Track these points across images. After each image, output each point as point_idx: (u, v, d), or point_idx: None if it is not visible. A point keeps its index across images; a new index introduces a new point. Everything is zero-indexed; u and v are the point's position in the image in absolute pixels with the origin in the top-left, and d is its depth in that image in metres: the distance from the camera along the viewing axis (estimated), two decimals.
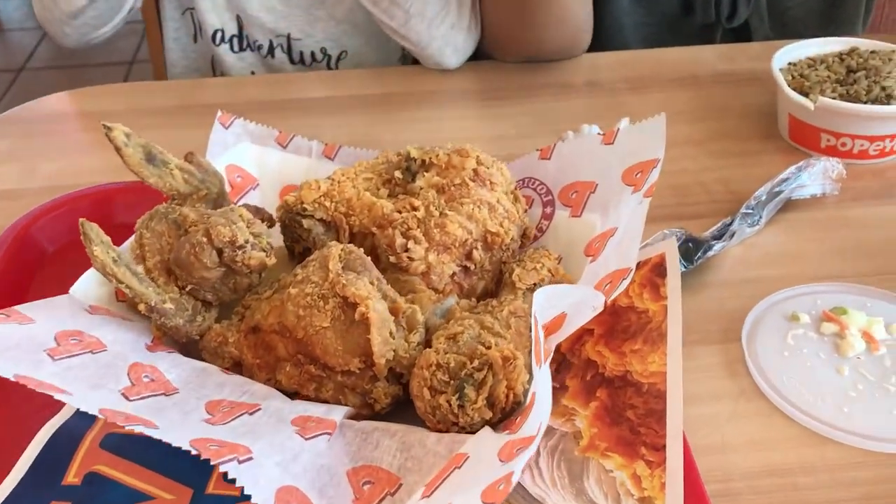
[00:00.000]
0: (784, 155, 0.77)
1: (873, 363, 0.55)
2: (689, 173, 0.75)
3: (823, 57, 0.80)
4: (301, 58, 1.00)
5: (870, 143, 0.74)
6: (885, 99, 0.73)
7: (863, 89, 0.74)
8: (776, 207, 0.68)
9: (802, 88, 0.75)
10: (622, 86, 0.89)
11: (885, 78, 0.75)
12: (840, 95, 0.74)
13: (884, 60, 0.78)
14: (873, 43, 0.81)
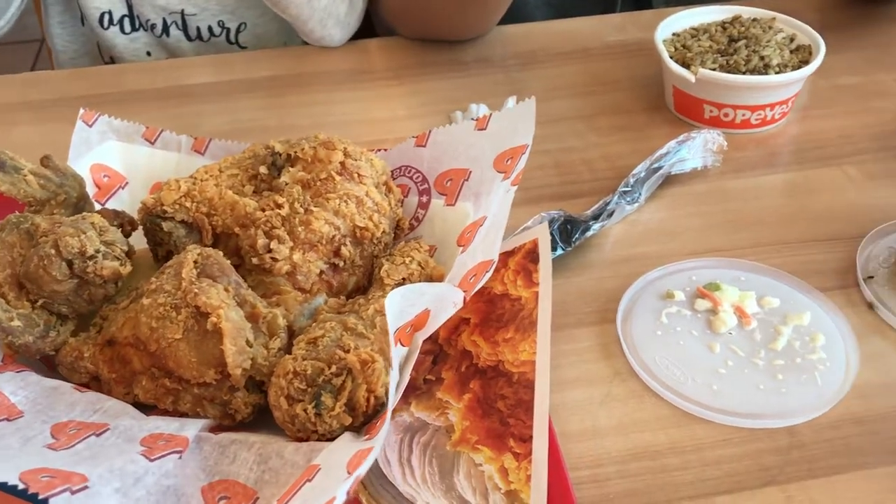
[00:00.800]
0: (671, 127, 0.77)
1: (744, 338, 0.56)
2: (575, 151, 0.75)
3: (707, 26, 0.80)
4: (198, 34, 0.96)
5: (751, 113, 0.75)
6: (763, 69, 0.74)
7: (742, 59, 0.74)
8: (656, 183, 0.69)
9: (685, 60, 0.76)
10: (513, 62, 0.88)
11: (763, 47, 0.75)
12: (720, 66, 0.74)
13: (764, 29, 0.78)
14: (755, 10, 0.81)
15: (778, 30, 0.79)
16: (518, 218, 0.65)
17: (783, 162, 0.73)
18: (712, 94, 0.74)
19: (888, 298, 0.59)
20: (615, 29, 0.93)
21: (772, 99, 0.74)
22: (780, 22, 0.80)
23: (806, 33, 0.78)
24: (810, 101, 0.80)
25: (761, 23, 0.79)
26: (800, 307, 0.58)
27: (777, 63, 0.74)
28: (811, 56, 0.76)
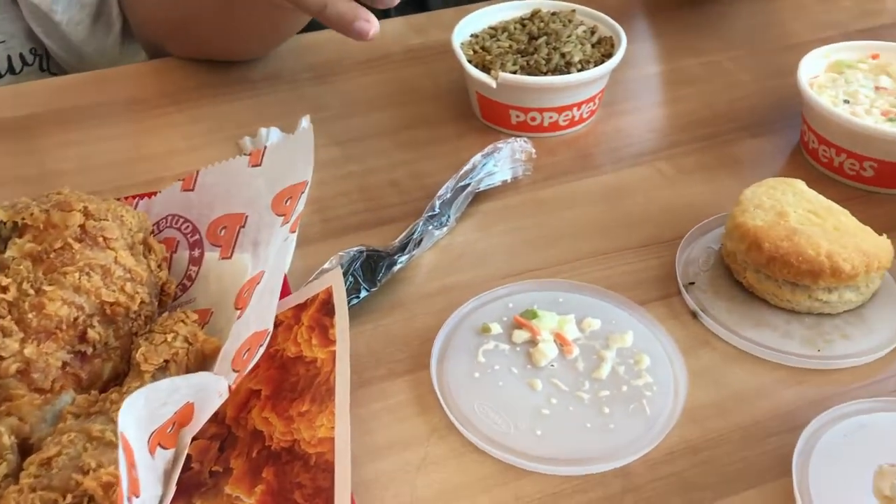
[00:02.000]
0: (481, 136, 0.72)
1: (567, 369, 0.51)
2: (380, 171, 0.69)
3: (505, 24, 0.75)
4: (9, 64, 0.83)
5: (558, 115, 0.71)
6: (565, 67, 0.70)
7: (543, 59, 0.70)
8: (466, 201, 0.63)
9: (485, 63, 0.71)
10: (307, 76, 0.80)
11: (564, 43, 0.71)
12: (522, 68, 0.70)
13: (564, 23, 0.74)
14: (554, 3, 0.78)
15: (578, 23, 0.75)
16: (319, 257, 0.58)
17: (596, 164, 0.70)
18: (516, 98, 0.70)
19: (711, 305, 0.56)
20: (415, 30, 0.87)
21: (578, 98, 0.70)
22: (580, 14, 0.76)
23: (606, 24, 0.75)
24: (618, 94, 0.77)
25: (561, 16, 0.75)
26: (622, 326, 0.54)
27: (579, 59, 0.70)
28: (614, 48, 0.72)
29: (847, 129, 0.63)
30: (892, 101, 0.65)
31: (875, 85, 0.67)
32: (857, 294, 0.54)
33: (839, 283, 0.53)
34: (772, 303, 0.55)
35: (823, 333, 0.53)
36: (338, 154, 0.70)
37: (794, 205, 0.56)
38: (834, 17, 0.88)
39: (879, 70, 0.69)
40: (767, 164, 0.69)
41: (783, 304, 0.55)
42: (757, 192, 0.57)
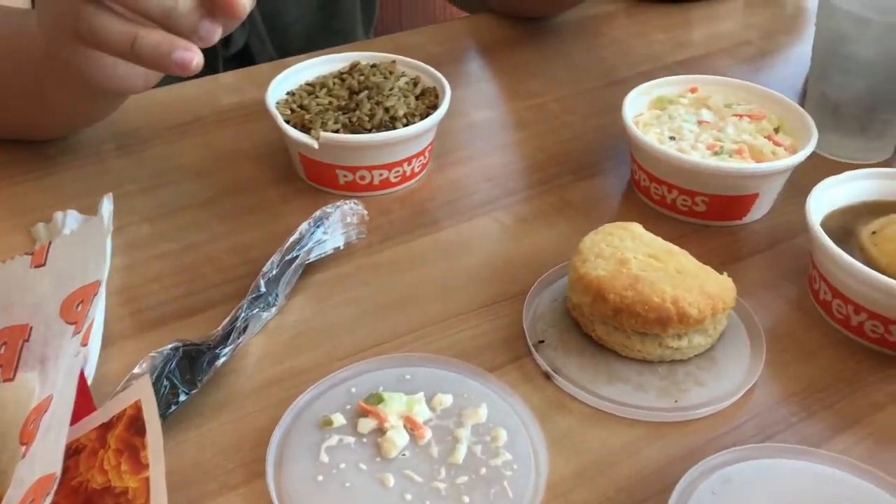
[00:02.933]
0: (308, 199, 0.67)
1: (420, 458, 0.47)
2: (198, 247, 0.62)
3: (324, 80, 0.71)
4: None
5: (389, 172, 0.67)
6: (390, 122, 0.66)
7: (366, 115, 0.66)
8: (295, 275, 0.58)
9: (304, 122, 0.66)
10: (110, 146, 0.72)
11: (387, 97, 0.68)
12: (344, 126, 0.65)
13: (385, 75, 0.71)
14: (373, 55, 0.74)
15: (400, 74, 0.72)
16: (130, 357, 0.51)
17: (433, 219, 0.66)
18: (342, 158, 0.65)
19: (563, 363, 0.53)
20: (229, 90, 0.81)
21: (407, 153, 0.67)
22: (401, 65, 0.73)
23: (429, 74, 0.72)
24: (449, 145, 0.74)
25: (381, 69, 0.72)
26: (475, 399, 0.50)
27: (404, 113, 0.66)
28: (438, 99, 0.70)
29: (675, 166, 0.62)
30: (716, 135, 0.65)
31: (697, 119, 0.67)
32: (706, 337, 0.53)
33: (688, 329, 0.51)
34: (623, 354, 0.53)
35: (678, 382, 0.52)
36: (148, 232, 0.63)
37: (634, 250, 0.54)
38: (652, 51, 0.90)
39: (699, 103, 0.69)
40: (603, 205, 0.68)
41: (634, 354, 0.53)
42: (596, 240, 0.56)
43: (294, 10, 0.96)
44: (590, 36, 0.93)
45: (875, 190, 0.60)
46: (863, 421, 0.50)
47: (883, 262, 0.55)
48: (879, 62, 0.67)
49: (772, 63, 0.90)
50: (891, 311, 0.52)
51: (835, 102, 0.70)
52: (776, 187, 0.65)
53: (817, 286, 0.57)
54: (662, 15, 0.98)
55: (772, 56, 0.91)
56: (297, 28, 0.96)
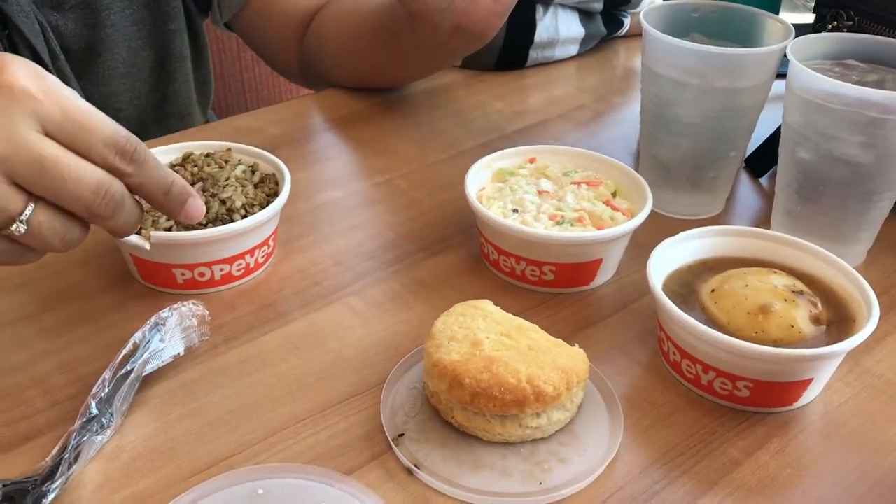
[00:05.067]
0: (146, 302, 0.63)
1: None
2: (18, 370, 0.57)
3: None
4: None
5: (230, 266, 0.64)
6: (227, 215, 0.63)
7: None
8: (132, 391, 0.54)
9: None
10: None
11: (223, 188, 0.65)
12: (177, 222, 0.62)
13: (220, 164, 0.68)
14: (208, 143, 0.71)
15: (236, 162, 0.69)
16: None
17: (281, 312, 0.63)
18: (178, 256, 0.62)
19: (426, 456, 0.51)
20: None
21: (248, 245, 0.64)
22: (237, 152, 0.71)
23: (267, 160, 0.70)
24: (294, 230, 0.72)
25: (216, 157, 0.69)
26: None
27: (242, 204, 0.64)
28: (279, 185, 0.68)
29: (521, 238, 0.63)
30: (556, 204, 0.66)
31: (538, 189, 0.68)
32: (564, 412, 0.52)
33: (545, 407, 0.51)
34: (485, 439, 0.52)
35: (541, 462, 0.51)
36: None
37: (486, 330, 0.54)
38: (491, 121, 0.92)
39: (538, 174, 0.70)
40: (456, 281, 0.67)
41: (496, 438, 0.51)
42: (448, 323, 0.55)
43: (123, 95, 0.92)
44: (431, 108, 0.94)
45: (711, 247, 0.63)
46: (721, 482, 0.51)
47: (723, 319, 0.56)
48: (700, 123, 0.70)
49: (607, 125, 0.94)
50: (736, 368, 0.53)
51: (665, 162, 0.73)
52: (619, 251, 0.66)
53: (666, 347, 0.58)
54: (499, 83, 1.00)
55: (606, 118, 0.95)
56: (127, 113, 0.92)
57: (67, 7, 0.85)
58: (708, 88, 0.68)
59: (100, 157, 0.49)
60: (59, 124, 0.47)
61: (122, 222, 0.51)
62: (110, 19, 0.88)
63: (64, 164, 0.47)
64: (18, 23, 0.81)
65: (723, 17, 0.75)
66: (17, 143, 0.46)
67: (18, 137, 0.46)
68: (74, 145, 0.48)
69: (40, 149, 0.47)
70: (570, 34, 1.02)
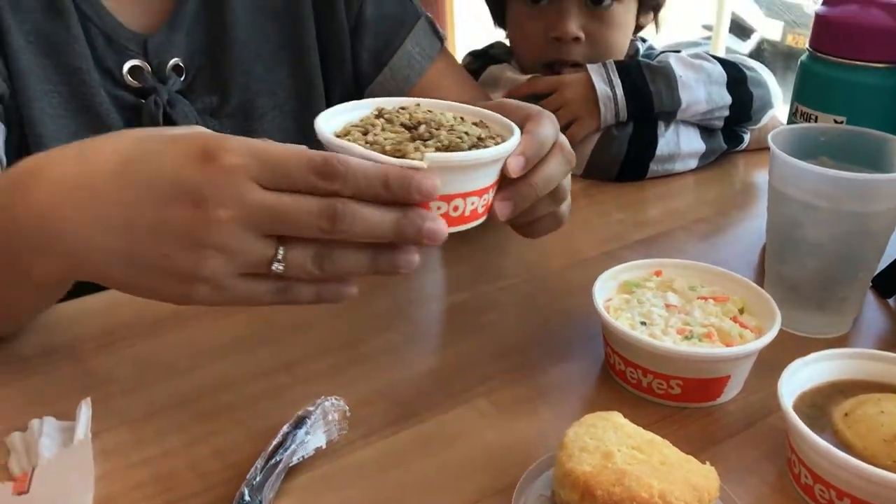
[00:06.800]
0: (290, 394, 0.67)
1: None
2: (177, 454, 0.61)
3: (367, 120, 0.61)
4: None
5: (479, 198, 0.60)
6: (480, 141, 0.59)
7: (457, 137, 0.59)
8: (278, 480, 0.57)
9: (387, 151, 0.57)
10: (89, 345, 0.72)
11: (449, 128, 0.61)
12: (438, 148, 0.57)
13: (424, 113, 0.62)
14: (397, 100, 0.66)
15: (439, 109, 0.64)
16: None
17: (413, 411, 0.66)
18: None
19: None
20: None
21: (495, 176, 0.60)
22: (428, 106, 0.65)
23: (463, 111, 0.66)
24: (424, 329, 0.76)
25: (411, 110, 0.63)
26: None
27: (480, 136, 0.60)
28: (490, 129, 0.63)
29: (650, 351, 0.64)
30: (684, 319, 0.68)
31: (665, 303, 0.70)
32: None
33: None
34: None
35: None
36: (128, 438, 0.62)
37: (618, 443, 0.55)
38: (613, 230, 0.95)
39: (665, 287, 0.72)
40: (581, 389, 0.69)
41: None
42: (579, 434, 0.56)
43: None
44: None
45: (842, 370, 0.63)
46: None
47: (858, 445, 0.56)
48: (829, 245, 0.71)
49: (728, 239, 0.95)
50: (872, 496, 0.53)
51: (792, 282, 0.74)
52: (746, 368, 0.67)
53: (797, 470, 0.58)
54: (620, 193, 1.03)
55: (727, 231, 0.96)
56: None
57: (225, 115, 0.94)
58: (838, 212, 0.69)
59: (306, 186, 0.53)
60: (264, 175, 0.53)
61: (369, 225, 0.54)
62: (263, 127, 0.96)
63: (285, 205, 0.53)
64: None
65: (851, 141, 0.76)
66: (248, 206, 0.53)
67: (246, 201, 0.53)
68: (285, 186, 0.53)
69: (262, 201, 0.53)
70: (691, 149, 1.04)
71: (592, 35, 1.05)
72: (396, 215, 0.55)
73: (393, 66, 1.01)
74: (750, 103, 1.04)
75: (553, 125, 0.66)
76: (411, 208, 0.55)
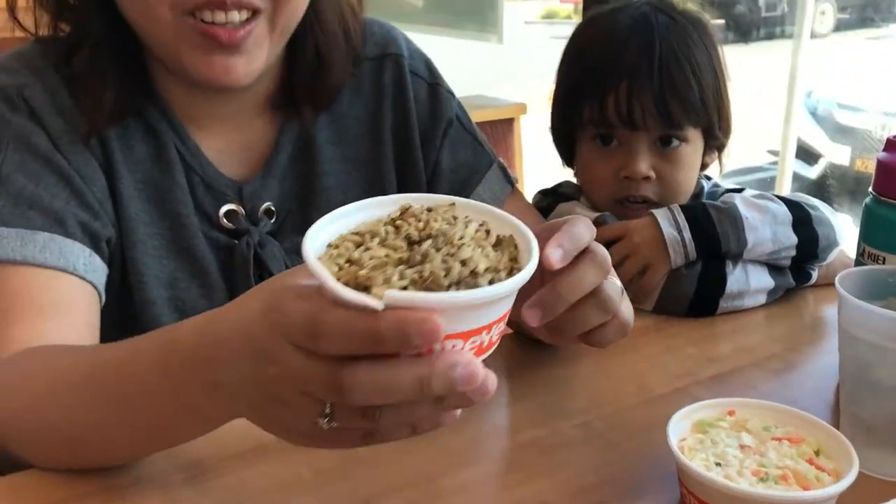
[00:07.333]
0: None
1: None
2: None
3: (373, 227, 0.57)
4: None
5: (464, 342, 0.52)
6: (471, 278, 0.52)
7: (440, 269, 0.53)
8: None
9: (358, 280, 0.52)
10: (178, 477, 0.76)
11: (459, 248, 0.55)
12: (413, 282, 0.52)
13: (448, 221, 0.59)
14: (427, 196, 0.62)
15: (466, 220, 0.59)
16: None
17: None
18: None
19: None
20: None
21: (492, 317, 0.53)
22: (462, 207, 0.61)
23: (500, 219, 0.60)
24: (500, 467, 0.77)
25: (440, 212, 0.60)
26: None
27: (486, 268, 0.54)
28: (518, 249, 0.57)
29: (724, 493, 0.65)
30: (759, 460, 0.68)
31: (739, 443, 0.70)
32: None
33: None
34: None
35: None
36: None
37: None
38: (685, 366, 0.96)
39: (739, 427, 0.73)
40: None
41: None
42: None
43: None
44: (624, 351, 0.99)
45: None
46: None
47: None
48: None
49: (800, 376, 0.95)
50: None
51: (868, 423, 0.74)
52: None
53: None
54: (690, 329, 1.05)
55: (799, 368, 0.97)
56: None
57: None
58: None
59: (310, 349, 0.51)
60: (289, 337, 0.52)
61: (387, 390, 0.49)
62: None
63: (299, 371, 0.51)
64: (272, 268, 0.96)
65: None
66: (283, 366, 0.53)
67: (280, 360, 0.53)
68: (303, 347, 0.51)
69: (286, 363, 0.52)
70: (760, 285, 1.06)
71: (661, 174, 1.09)
72: (414, 371, 0.49)
73: None
74: (816, 242, 1.06)
75: (589, 230, 0.67)
76: (426, 357, 0.49)
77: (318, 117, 1.01)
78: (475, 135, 1.10)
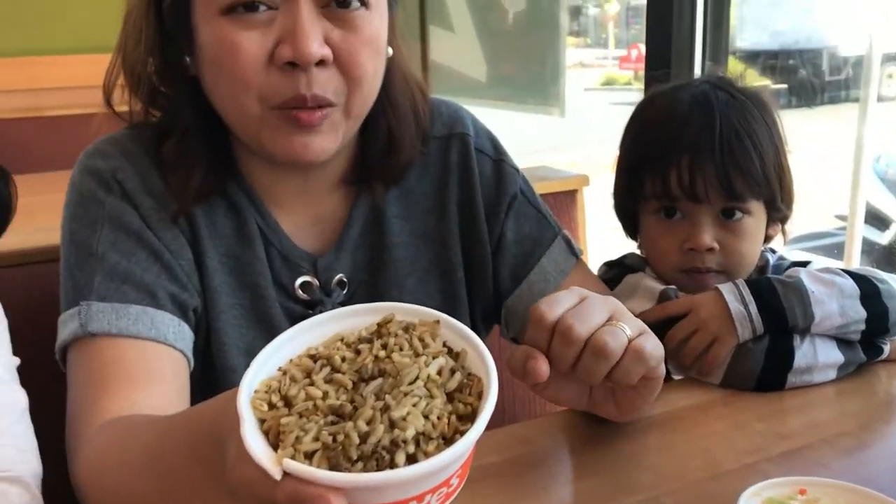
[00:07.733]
0: None
1: None
2: None
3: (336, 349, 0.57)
4: None
5: None
6: (389, 450, 0.51)
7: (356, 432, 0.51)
8: None
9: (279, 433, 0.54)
10: None
11: (400, 400, 0.53)
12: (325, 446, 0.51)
13: (416, 350, 0.56)
14: (415, 310, 0.61)
15: (436, 351, 0.56)
16: None
17: None
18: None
19: None
20: None
21: (412, 492, 0.51)
22: (446, 328, 0.59)
23: (479, 353, 0.57)
24: None
25: (416, 335, 0.57)
26: None
27: (415, 435, 0.51)
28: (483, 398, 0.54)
29: None
30: None
31: None
32: None
33: None
34: None
35: None
36: None
37: None
38: (753, 442, 0.95)
39: None
40: None
41: None
42: None
43: None
44: (693, 426, 0.99)
45: None
46: None
47: None
48: None
49: (874, 454, 0.93)
50: None
51: None
52: None
53: None
54: (759, 404, 1.04)
55: (873, 447, 0.95)
56: None
57: None
58: None
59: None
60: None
61: None
62: None
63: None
64: None
65: None
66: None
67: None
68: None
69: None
70: (829, 360, 1.05)
71: (725, 245, 1.10)
72: None
73: (530, 280, 1.09)
74: (886, 316, 1.05)
75: (571, 293, 0.80)
76: None
77: (388, 193, 1.05)
78: (539, 208, 1.13)
